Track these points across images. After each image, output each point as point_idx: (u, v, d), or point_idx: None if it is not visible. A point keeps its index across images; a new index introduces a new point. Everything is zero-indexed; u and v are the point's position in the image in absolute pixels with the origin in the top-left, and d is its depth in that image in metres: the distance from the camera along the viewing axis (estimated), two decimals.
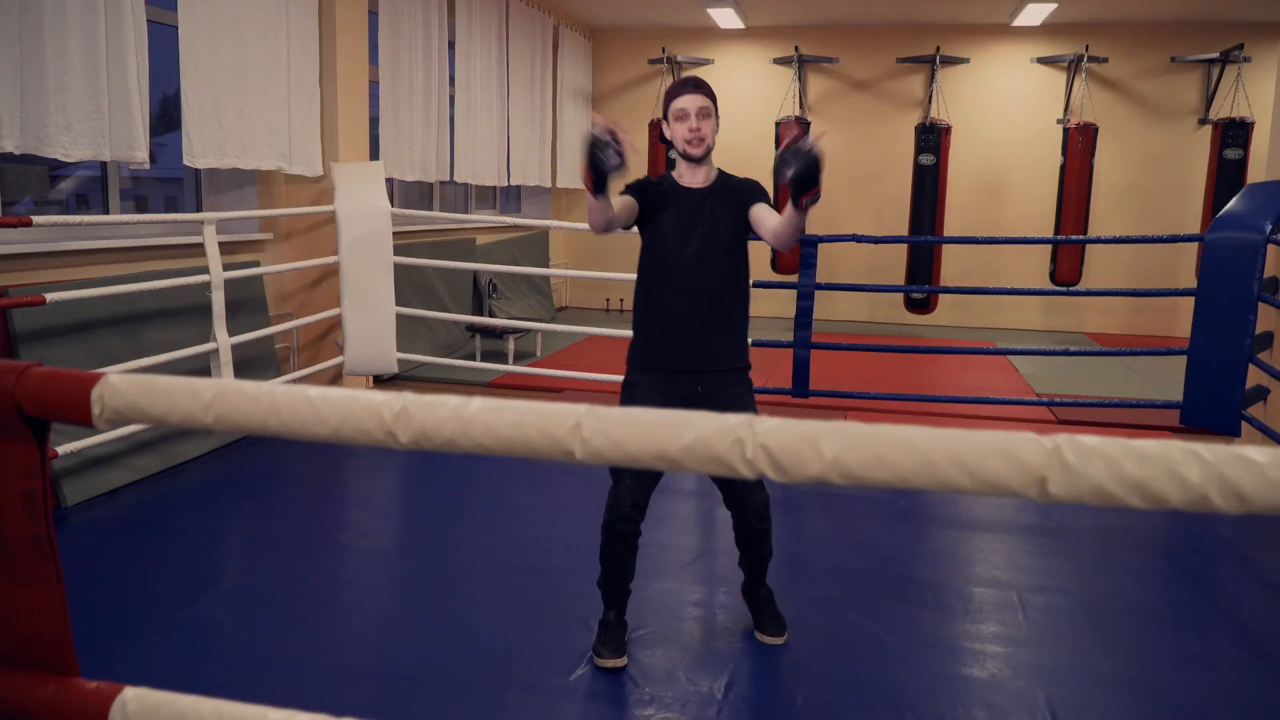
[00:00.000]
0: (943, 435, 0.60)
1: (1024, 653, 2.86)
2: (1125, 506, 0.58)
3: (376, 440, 0.68)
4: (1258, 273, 4.44)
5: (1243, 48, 8.75)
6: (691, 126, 2.60)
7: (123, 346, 4.35)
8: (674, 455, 0.63)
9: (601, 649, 2.72)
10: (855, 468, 0.60)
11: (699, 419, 0.64)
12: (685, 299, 2.64)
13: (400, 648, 2.83)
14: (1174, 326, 9.27)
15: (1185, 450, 0.58)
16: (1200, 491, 0.56)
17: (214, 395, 0.70)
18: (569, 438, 0.65)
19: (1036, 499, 0.60)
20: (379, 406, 0.67)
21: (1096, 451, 0.58)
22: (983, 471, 0.59)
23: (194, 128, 4.63)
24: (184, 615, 2.98)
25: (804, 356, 5.24)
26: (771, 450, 0.61)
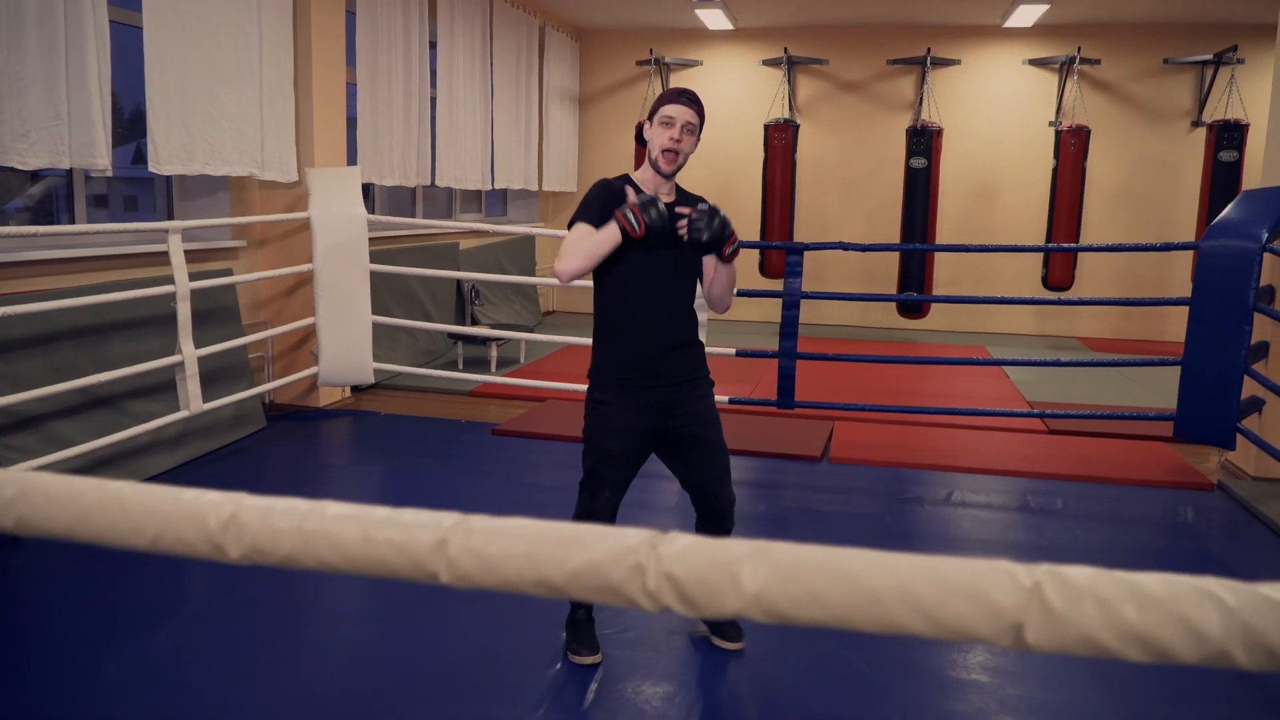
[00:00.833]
0: (894, 566, 0.48)
1: (1012, 685, 2.74)
2: (1121, 659, 0.46)
3: (202, 554, 0.55)
4: (1254, 282, 4.32)
5: (1236, 49, 8.64)
6: (673, 136, 2.55)
7: (85, 360, 4.21)
8: (557, 583, 0.51)
9: (577, 646, 2.73)
10: (783, 605, 0.48)
11: (591, 536, 0.52)
12: (654, 314, 2.62)
13: (372, 650, 2.70)
14: (1166, 330, 9.18)
15: (1199, 591, 0.45)
16: (1219, 646, 0.44)
17: (15, 493, 0.57)
18: (431, 558, 0.52)
19: (1011, 646, 0.47)
20: (204, 512, 0.55)
21: (1086, 590, 0.46)
22: (942, 615, 0.46)
23: (160, 133, 4.48)
24: (141, 646, 2.85)
25: (789, 367, 5.11)
26: (679, 580, 0.49)
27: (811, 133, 9.81)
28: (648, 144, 2.60)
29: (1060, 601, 0.46)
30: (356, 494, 4.45)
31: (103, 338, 4.33)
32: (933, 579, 0.47)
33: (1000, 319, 9.75)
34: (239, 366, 5.20)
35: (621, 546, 0.50)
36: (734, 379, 6.38)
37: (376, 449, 5.12)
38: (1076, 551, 3.79)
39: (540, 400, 5.96)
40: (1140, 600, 0.45)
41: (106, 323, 4.35)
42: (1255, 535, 4.03)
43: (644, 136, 2.62)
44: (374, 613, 3.23)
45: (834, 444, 5.12)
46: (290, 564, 0.54)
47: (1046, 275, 8.86)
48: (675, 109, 2.55)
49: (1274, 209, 4.42)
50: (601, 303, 2.69)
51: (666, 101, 2.58)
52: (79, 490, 0.57)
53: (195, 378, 4.47)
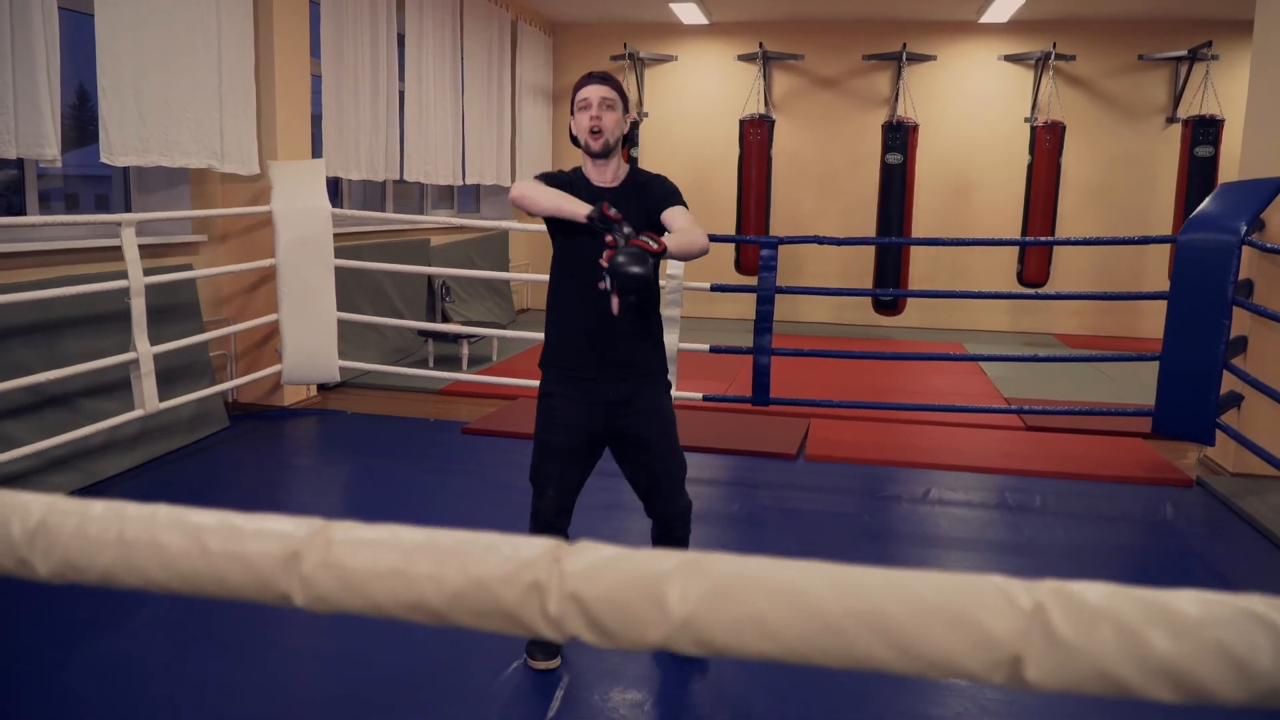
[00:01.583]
0: (859, 583, 0.37)
1: (993, 689, 2.65)
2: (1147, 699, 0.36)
3: (6, 569, 0.44)
4: (1232, 275, 4.27)
5: (1211, 45, 8.63)
6: (592, 115, 2.47)
7: (36, 358, 4.05)
8: (436, 606, 0.40)
9: (535, 650, 2.62)
10: (718, 633, 0.38)
11: (478, 547, 0.41)
12: (601, 304, 2.39)
13: (333, 655, 2.58)
14: (1141, 327, 9.17)
15: (1243, 613, 0.35)
16: (1273, 682, 0.34)
17: None
18: (281, 576, 0.42)
19: (1005, 684, 0.37)
20: (6, 518, 0.44)
21: (1102, 614, 0.35)
22: (920, 646, 0.36)
23: (113, 123, 4.33)
24: (100, 647, 2.72)
25: (764, 363, 5.02)
26: (587, 602, 0.38)
27: (787, 128, 9.73)
28: (576, 138, 2.54)
29: (1068, 628, 0.36)
30: (321, 495, 4.33)
31: (55, 334, 4.18)
32: (907, 601, 0.36)
33: (976, 316, 9.70)
34: (200, 364, 5.05)
35: (516, 560, 0.40)
36: (708, 375, 6.28)
37: (343, 449, 4.98)
38: (1055, 549, 3.71)
39: (513, 398, 5.84)
40: (1170, 625, 0.35)
41: (59, 319, 4.19)
42: (1235, 531, 3.97)
43: (572, 132, 2.55)
44: (343, 619, 3.11)
45: (810, 441, 5.03)
46: (109, 582, 0.43)
47: (1022, 271, 8.82)
48: (588, 90, 2.50)
49: (1252, 202, 4.37)
50: (551, 287, 2.62)
51: (579, 87, 2.54)
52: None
53: (151, 375, 4.32)
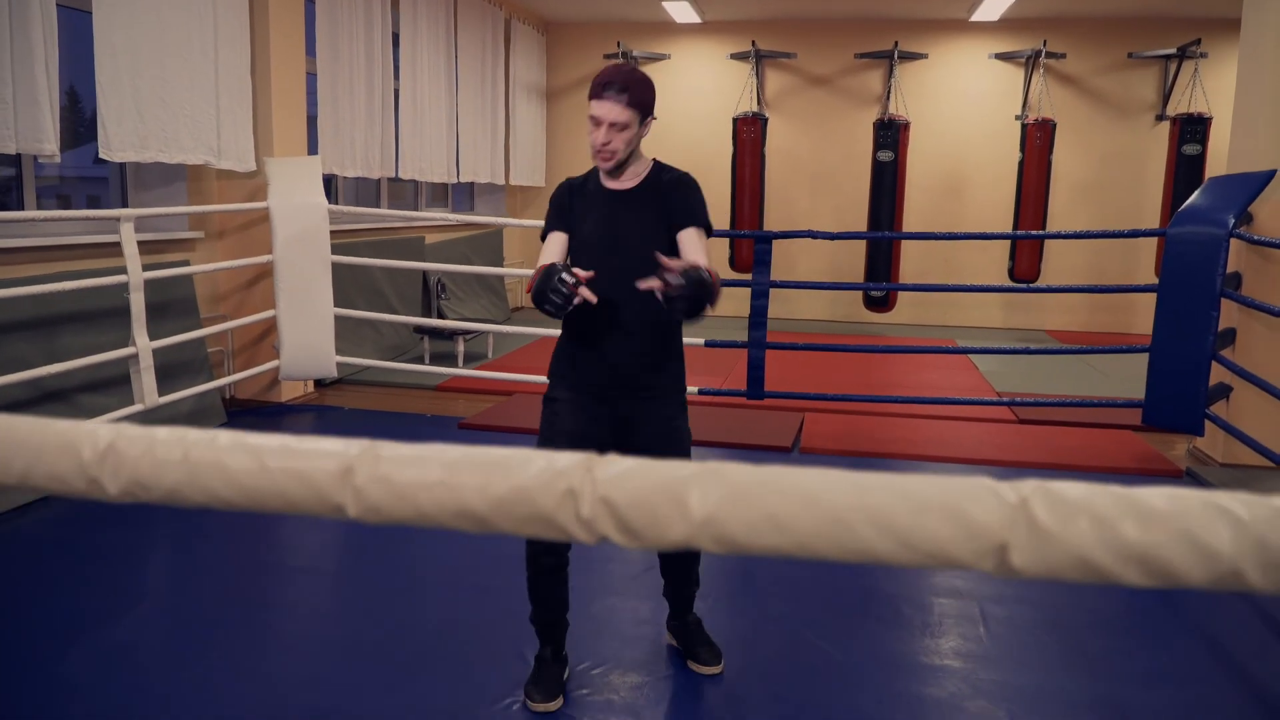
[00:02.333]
0: (861, 485, 0.42)
1: (985, 670, 2.70)
2: (1120, 583, 0.40)
3: (77, 490, 0.48)
4: (1220, 268, 4.33)
5: (1199, 43, 8.71)
6: (601, 140, 2.28)
7: (36, 352, 4.08)
8: (481, 512, 0.44)
9: (533, 690, 2.44)
10: (736, 530, 0.42)
11: (516, 461, 0.45)
12: (617, 313, 2.35)
13: (327, 676, 2.61)
14: (1133, 324, 9.24)
15: (1209, 505, 0.40)
16: (1232, 565, 0.39)
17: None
18: (336, 488, 0.46)
19: (993, 572, 0.42)
20: (78, 443, 0.48)
21: (1081, 507, 0.40)
22: (916, 537, 0.40)
23: (111, 119, 4.36)
24: (100, 638, 2.75)
25: (759, 357, 5.06)
26: (617, 505, 0.43)
27: (780, 126, 9.78)
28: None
29: (1051, 519, 0.40)
30: None
31: (53, 329, 4.21)
32: (905, 497, 0.41)
33: (968, 312, 9.77)
34: (198, 360, 5.08)
35: (552, 470, 0.44)
36: (704, 370, 6.33)
37: None
38: None
39: (508, 394, 5.88)
40: (1141, 515, 0.39)
41: (57, 314, 4.22)
42: None
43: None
44: (334, 603, 3.15)
45: (805, 434, 5.08)
46: (176, 499, 0.47)
47: (1013, 268, 8.88)
48: (599, 107, 2.26)
49: (1240, 195, 4.43)
50: None
51: (591, 96, 2.29)
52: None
53: (150, 370, 4.35)
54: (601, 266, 2.28)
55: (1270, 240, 4.24)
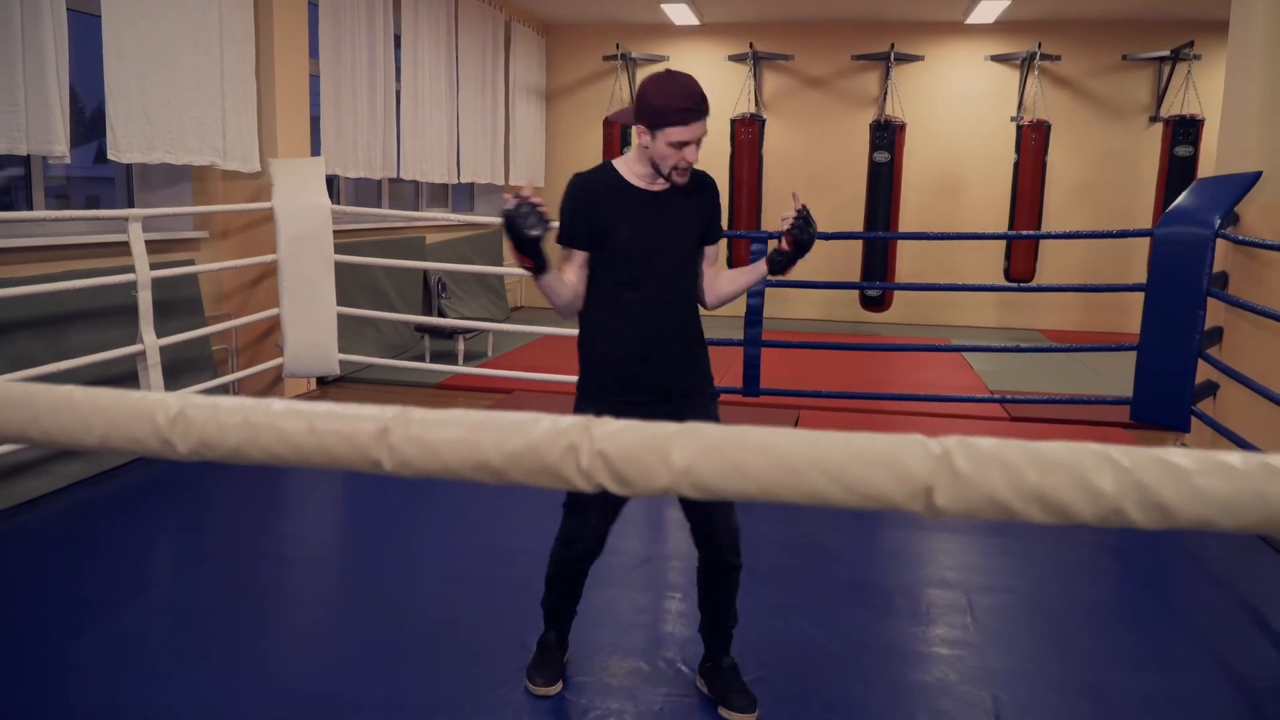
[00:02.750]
0: (811, 440, 0.50)
1: (971, 656, 2.79)
2: (1029, 520, 0.49)
3: (151, 450, 0.57)
4: (1207, 267, 4.42)
5: (1193, 45, 8.81)
6: (686, 159, 2.23)
7: (44, 349, 4.17)
8: (497, 465, 0.53)
9: (535, 674, 2.50)
10: (709, 478, 0.50)
11: (525, 422, 0.54)
12: (655, 318, 2.30)
13: (328, 663, 2.70)
14: (1127, 323, 9.31)
15: (1097, 455, 0.48)
16: (1114, 504, 0.47)
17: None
18: (374, 445, 0.54)
19: (922, 513, 0.50)
20: (152, 409, 0.56)
21: (993, 457, 0.48)
22: (857, 481, 0.49)
23: (119, 121, 4.45)
24: (106, 629, 2.83)
25: (754, 355, 5.15)
26: (611, 458, 0.51)
27: (777, 127, 9.87)
28: (648, 149, 2.24)
29: (968, 467, 0.48)
30: (322, 484, 4.45)
31: (62, 327, 4.29)
32: (848, 449, 0.49)
33: (963, 312, 9.85)
34: (202, 358, 5.16)
35: (556, 429, 0.52)
36: None
37: None
38: (1033, 533, 3.85)
39: (508, 392, 5.96)
40: (1042, 464, 0.48)
41: (65, 312, 4.30)
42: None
43: (640, 141, 2.26)
44: (335, 593, 3.23)
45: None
46: (237, 457, 0.55)
47: (1009, 268, 8.98)
48: (687, 131, 2.20)
49: (1227, 196, 4.52)
50: (591, 298, 2.34)
51: (674, 122, 2.18)
52: (30, 394, 0.59)
53: (158, 367, 4.44)
54: (646, 269, 2.26)
55: (1255, 240, 4.33)
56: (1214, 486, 0.46)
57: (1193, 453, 0.48)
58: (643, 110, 2.23)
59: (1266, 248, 4.26)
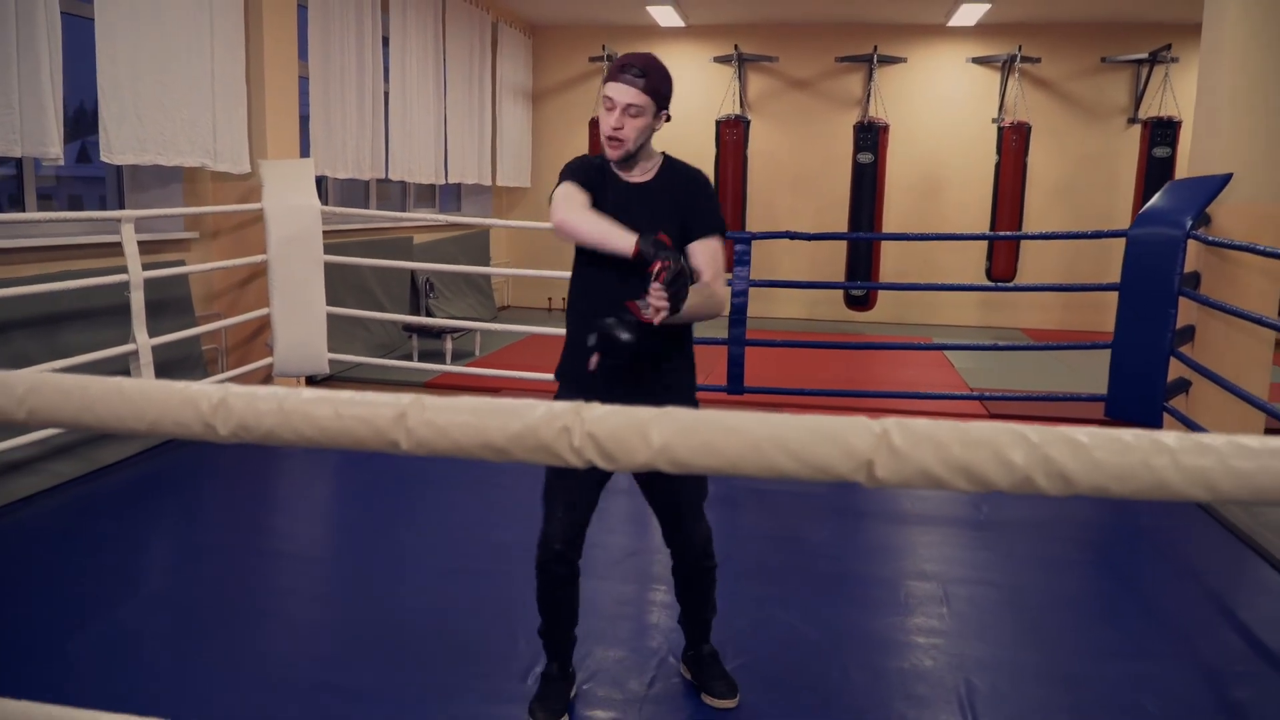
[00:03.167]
0: (771, 420, 0.58)
1: (947, 644, 2.89)
2: (955, 490, 0.57)
3: (196, 434, 0.64)
4: (1178, 267, 4.53)
5: (1170, 48, 8.95)
6: (612, 124, 2.21)
7: (39, 349, 4.22)
8: (501, 444, 0.61)
9: (538, 708, 2.41)
10: (683, 454, 0.58)
11: (524, 407, 0.62)
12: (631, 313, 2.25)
13: (325, 658, 2.77)
14: (1106, 322, 9.40)
15: (1012, 433, 0.57)
16: (1025, 474, 0.55)
17: (27, 389, 0.66)
18: (393, 428, 0.62)
19: (865, 483, 0.58)
20: (196, 398, 0.64)
21: (925, 436, 0.57)
22: (809, 456, 0.57)
23: (112, 123, 4.50)
24: (102, 624, 2.90)
25: (738, 353, 5.25)
26: (598, 438, 0.59)
27: (762, 129, 9.97)
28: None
29: (904, 443, 0.57)
30: (311, 482, 4.52)
31: (56, 327, 4.34)
32: (803, 429, 0.58)
33: (945, 311, 9.98)
34: (193, 358, 5.22)
35: (552, 413, 0.61)
36: None
37: None
38: (1011, 524, 3.96)
39: (496, 391, 6.04)
40: (965, 441, 0.56)
41: (59, 312, 4.36)
42: (1181, 508, 4.23)
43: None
44: (330, 590, 3.30)
45: None
46: (272, 439, 0.63)
47: (990, 268, 9.11)
48: (614, 89, 2.20)
49: (1198, 198, 4.64)
50: (573, 285, 2.37)
51: (607, 78, 2.23)
52: (83, 384, 0.66)
53: (150, 366, 4.50)
54: (617, 260, 2.18)
55: (1225, 241, 4.44)
56: (1108, 459, 0.55)
57: (1094, 430, 0.57)
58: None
59: (1235, 248, 4.38)
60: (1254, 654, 2.94)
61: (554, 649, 2.49)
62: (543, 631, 2.47)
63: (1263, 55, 4.72)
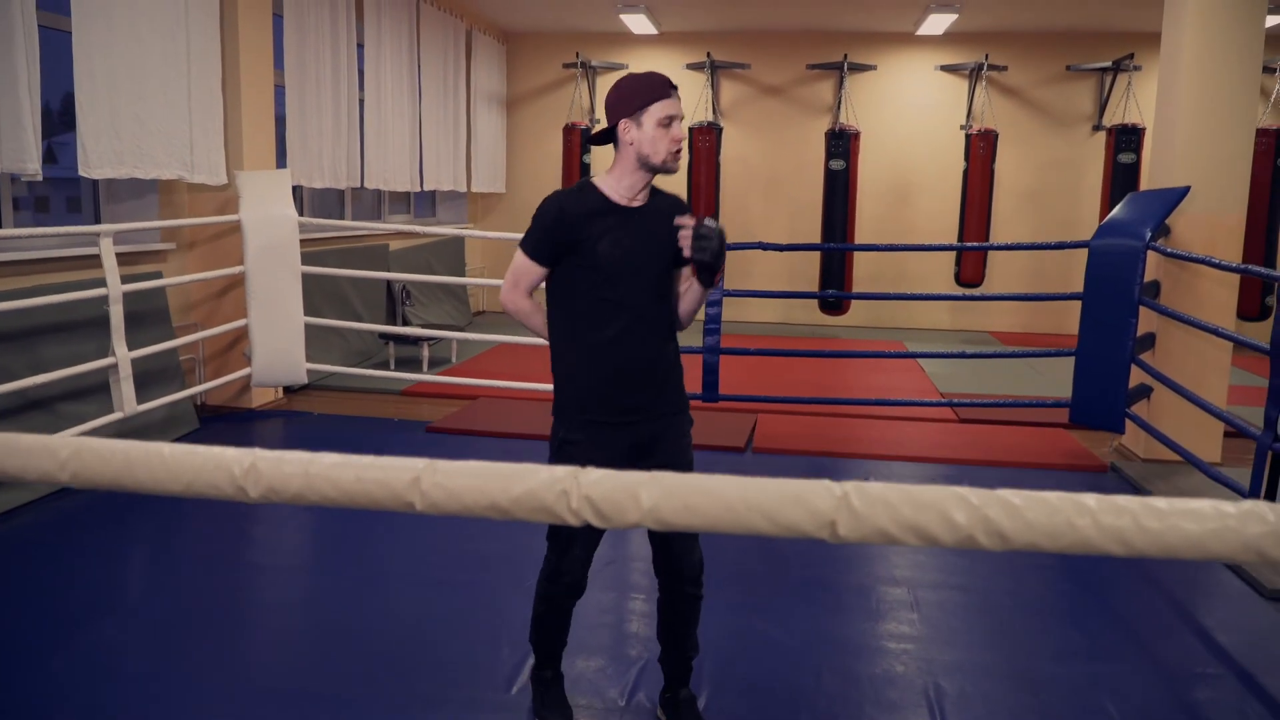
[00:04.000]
0: (746, 485, 0.66)
1: (916, 649, 2.98)
2: (907, 544, 0.65)
3: (227, 495, 0.71)
4: (1139, 277, 4.66)
5: (1133, 56, 9.15)
6: (676, 137, 2.21)
7: (18, 364, 4.24)
8: (505, 506, 0.68)
9: (547, 713, 2.48)
10: (669, 515, 0.66)
11: (527, 471, 0.69)
12: (640, 336, 2.28)
13: (307, 667, 2.82)
14: (1071, 325, 9.58)
15: (955, 495, 0.65)
16: (967, 532, 0.64)
17: (69, 454, 0.73)
18: (408, 491, 0.69)
19: (829, 540, 0.66)
20: (229, 463, 0.71)
21: (879, 498, 0.65)
22: (779, 517, 0.65)
23: (90, 137, 4.52)
24: (86, 638, 2.93)
25: (713, 362, 5.33)
26: (594, 500, 0.67)
27: (735, 135, 10.08)
28: (632, 144, 2.22)
29: (861, 506, 0.65)
30: None
31: (34, 341, 4.36)
32: (770, 492, 0.65)
33: (917, 315, 10.14)
34: (170, 369, 5.24)
35: (552, 478, 0.68)
36: None
37: (311, 448, 5.15)
38: None
39: (473, 398, 6.09)
40: (914, 503, 0.64)
41: (37, 326, 4.37)
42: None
43: (619, 136, 2.24)
44: (314, 599, 3.35)
45: (757, 435, 5.36)
46: (299, 501, 0.70)
47: (959, 273, 9.27)
48: (672, 105, 2.21)
49: (1158, 210, 4.77)
50: (568, 317, 2.32)
51: (658, 96, 2.20)
52: (123, 449, 0.73)
53: (129, 379, 4.52)
54: (625, 286, 2.24)
55: (1182, 253, 4.58)
56: (1038, 519, 0.63)
57: (1023, 493, 0.65)
58: (623, 101, 2.23)
59: (1192, 260, 4.52)
60: (1213, 656, 3.06)
61: (549, 656, 2.52)
62: (536, 641, 2.51)
63: (1217, 69, 4.87)
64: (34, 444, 0.73)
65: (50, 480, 0.73)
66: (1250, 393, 6.61)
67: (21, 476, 0.72)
